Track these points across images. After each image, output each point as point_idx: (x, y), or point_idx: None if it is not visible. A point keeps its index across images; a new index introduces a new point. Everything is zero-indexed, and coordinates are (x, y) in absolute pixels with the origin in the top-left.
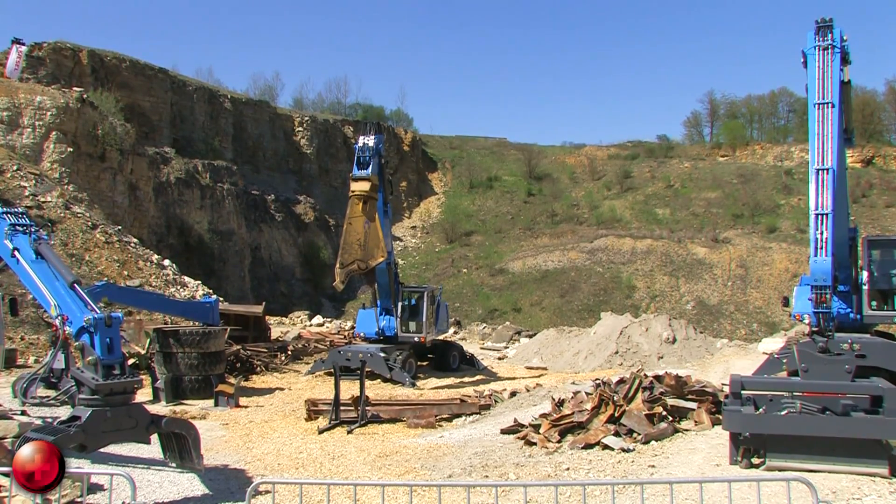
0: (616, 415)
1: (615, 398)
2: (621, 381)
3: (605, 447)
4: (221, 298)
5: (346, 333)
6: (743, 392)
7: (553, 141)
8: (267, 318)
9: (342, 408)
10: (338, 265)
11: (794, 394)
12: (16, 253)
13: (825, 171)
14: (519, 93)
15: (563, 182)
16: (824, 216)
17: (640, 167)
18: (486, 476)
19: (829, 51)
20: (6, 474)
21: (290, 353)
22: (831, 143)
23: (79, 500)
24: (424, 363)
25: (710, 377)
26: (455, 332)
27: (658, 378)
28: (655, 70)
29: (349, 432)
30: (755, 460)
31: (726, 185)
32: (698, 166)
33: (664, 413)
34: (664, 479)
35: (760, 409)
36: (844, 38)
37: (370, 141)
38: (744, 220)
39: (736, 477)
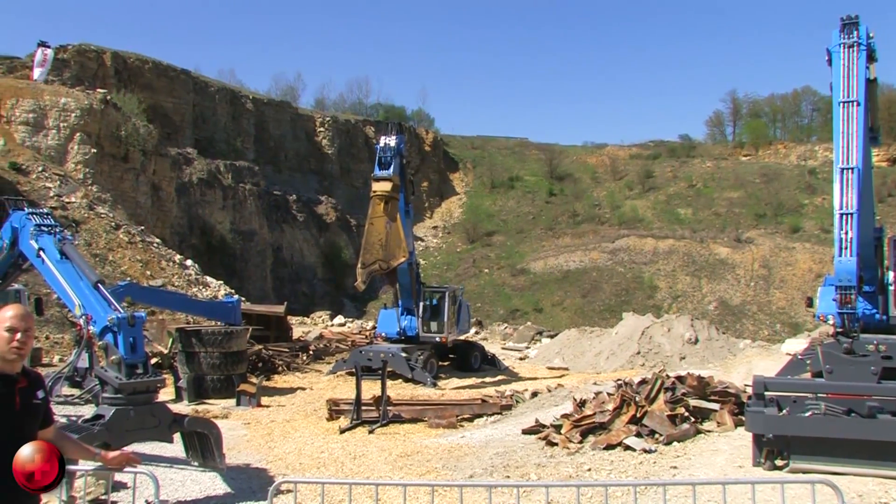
0: (638, 415)
1: (637, 399)
2: (643, 382)
3: (627, 448)
4: (243, 298)
5: (367, 333)
6: (766, 393)
7: (574, 141)
8: (289, 318)
9: (364, 408)
10: (359, 265)
11: (819, 395)
12: (41, 253)
13: (850, 171)
14: (540, 93)
15: (585, 182)
16: (849, 216)
17: (662, 167)
18: (508, 476)
19: (855, 48)
20: None
21: (311, 352)
22: (856, 141)
23: (103, 497)
24: (446, 363)
25: (732, 378)
26: (476, 333)
27: (680, 379)
28: (677, 69)
29: (370, 432)
30: (778, 462)
31: (749, 184)
32: (721, 166)
33: (686, 414)
34: (687, 481)
35: (784, 411)
36: (871, 35)
37: (392, 141)
38: (767, 219)
39: (759, 479)
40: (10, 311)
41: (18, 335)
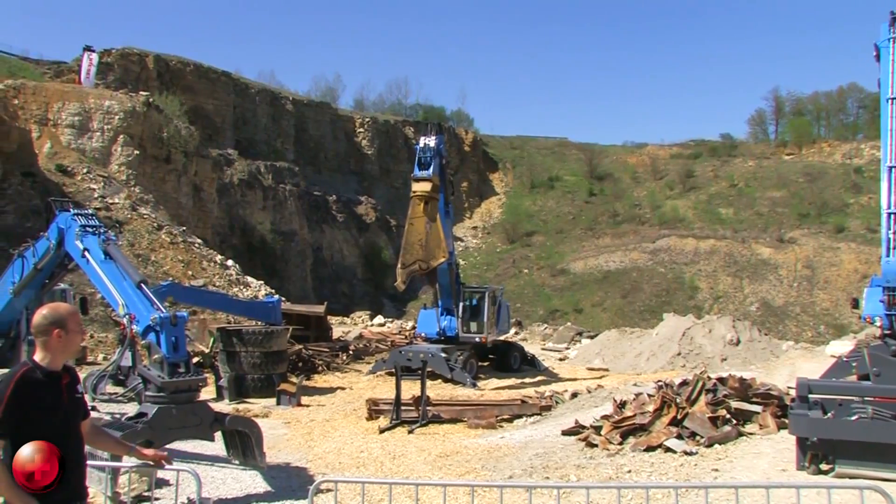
0: (679, 417)
1: (678, 400)
2: (684, 383)
3: (668, 450)
4: (284, 298)
5: (407, 333)
6: (810, 396)
7: (614, 140)
8: (328, 317)
9: (403, 407)
10: (399, 265)
11: (866, 399)
12: (86, 253)
13: None
14: (580, 92)
15: (625, 182)
16: None
17: (703, 166)
18: (547, 477)
19: None
20: None
21: (351, 352)
22: None
23: (146, 494)
24: (485, 363)
25: (775, 380)
26: (516, 333)
27: (721, 380)
28: (719, 67)
29: (410, 432)
30: (823, 466)
31: (792, 183)
32: (763, 165)
33: (728, 416)
34: (729, 483)
35: (829, 414)
36: None
37: (431, 141)
38: (810, 219)
39: (804, 483)
40: (74, 311)
41: (79, 336)
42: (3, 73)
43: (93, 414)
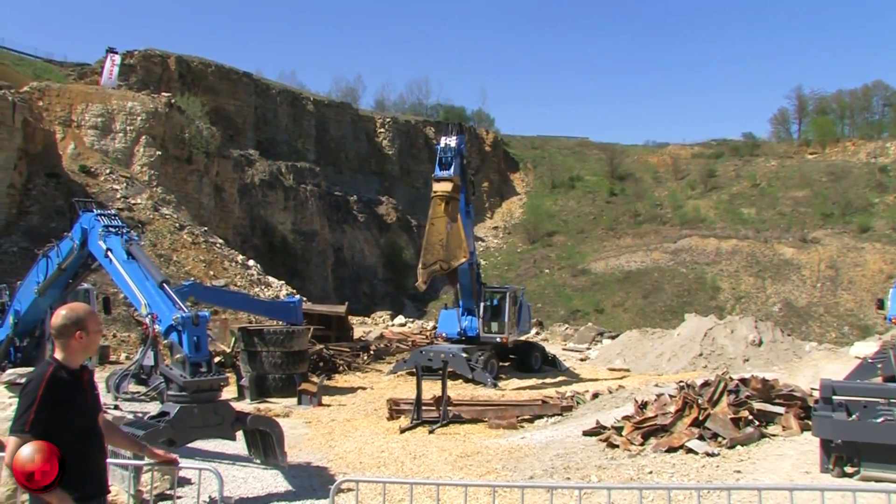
0: (700, 418)
1: (699, 401)
2: (706, 384)
3: (689, 451)
4: (305, 298)
5: (427, 333)
6: (834, 397)
7: (635, 140)
8: (349, 317)
9: (424, 407)
10: (420, 265)
11: (891, 401)
12: (109, 253)
13: None
14: (601, 92)
15: (646, 182)
16: None
17: (725, 166)
18: (568, 478)
19: None
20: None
21: (372, 352)
22: None
23: (168, 492)
24: (506, 364)
25: (798, 381)
26: (537, 333)
27: (744, 381)
28: (741, 66)
29: (431, 432)
30: (848, 469)
31: (815, 183)
32: (785, 164)
33: (750, 417)
34: (752, 485)
35: (854, 416)
36: None
37: (452, 141)
38: (834, 219)
39: (829, 486)
40: (92, 312)
41: (86, 333)
42: (28, 75)
43: (116, 413)
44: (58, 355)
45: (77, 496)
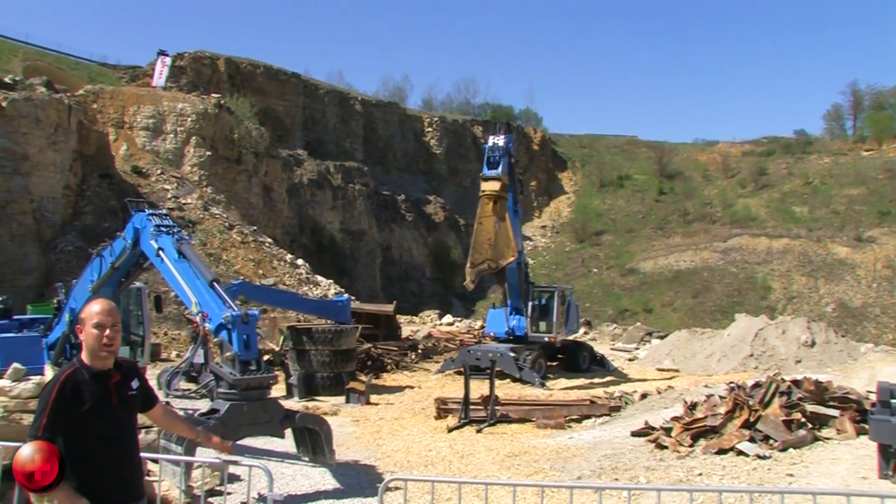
0: (751, 420)
1: (750, 403)
2: (757, 385)
3: (740, 453)
4: (353, 297)
5: (475, 333)
6: (892, 401)
7: (685, 138)
8: (397, 316)
9: (472, 407)
10: (468, 265)
11: None
12: (160, 252)
13: None
14: (649, 89)
15: (696, 180)
16: None
17: (777, 164)
18: (616, 479)
19: None
20: (154, 460)
21: (420, 351)
22: None
23: (218, 488)
24: (554, 363)
25: (853, 383)
26: (585, 333)
27: (796, 383)
28: (793, 61)
29: (478, 431)
30: None
31: (871, 180)
32: (839, 161)
33: (803, 420)
34: (806, 489)
35: None
36: None
37: (500, 140)
38: (891, 217)
39: (889, 493)
40: (96, 307)
41: (107, 331)
42: (83, 79)
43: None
44: (82, 355)
45: (98, 502)
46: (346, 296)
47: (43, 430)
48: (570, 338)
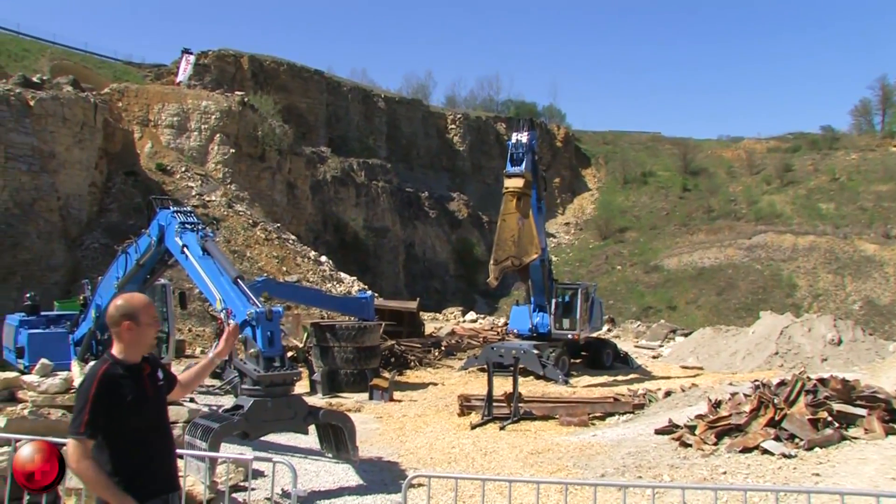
0: (777, 418)
1: (776, 401)
2: (782, 384)
3: (765, 452)
4: (376, 294)
5: (499, 330)
6: None
7: (709, 134)
8: (421, 313)
9: (495, 404)
10: (492, 262)
11: None
12: (185, 249)
13: None
14: (673, 85)
15: (720, 177)
16: None
17: (802, 160)
18: (640, 477)
19: None
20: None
21: (443, 348)
22: None
23: (243, 484)
24: (578, 361)
25: (881, 382)
26: (609, 330)
27: (822, 381)
28: (819, 56)
29: (501, 428)
30: None
31: None
32: (867, 158)
33: (829, 419)
34: (834, 489)
35: None
36: None
37: (523, 137)
38: None
39: None
40: (145, 302)
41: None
42: (108, 77)
43: (191, 405)
44: (114, 350)
45: (140, 495)
46: (369, 293)
47: (85, 427)
48: (594, 335)
